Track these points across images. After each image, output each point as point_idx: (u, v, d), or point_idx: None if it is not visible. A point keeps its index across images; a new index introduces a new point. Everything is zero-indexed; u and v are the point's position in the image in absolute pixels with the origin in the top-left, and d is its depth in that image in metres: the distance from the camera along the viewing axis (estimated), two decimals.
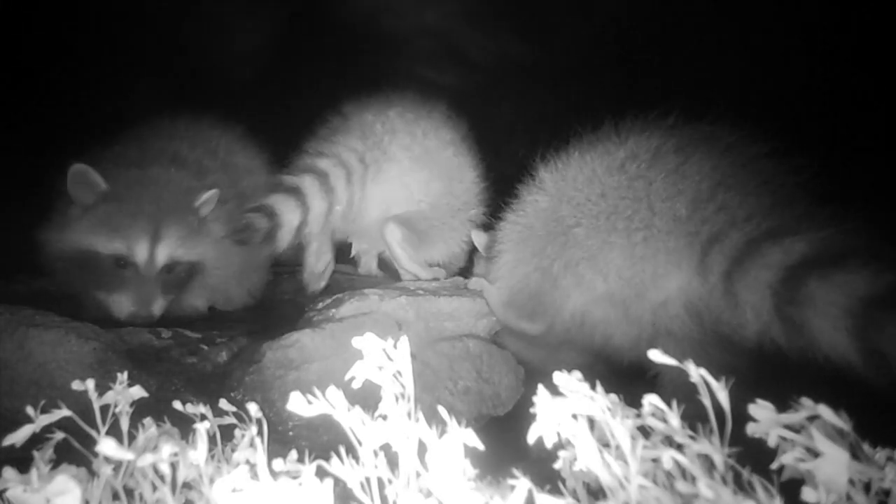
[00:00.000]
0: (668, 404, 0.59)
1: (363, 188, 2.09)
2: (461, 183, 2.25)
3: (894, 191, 1.84)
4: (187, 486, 0.62)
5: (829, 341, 1.10)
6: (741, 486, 0.54)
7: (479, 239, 2.10)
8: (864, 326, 1.05)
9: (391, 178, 2.13)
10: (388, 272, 2.40)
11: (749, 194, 1.38)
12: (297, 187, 1.95)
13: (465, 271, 2.29)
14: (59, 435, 0.65)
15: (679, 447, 0.56)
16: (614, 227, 1.48)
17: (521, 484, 0.56)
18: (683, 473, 0.55)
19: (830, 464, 0.52)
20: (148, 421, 0.66)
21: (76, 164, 1.80)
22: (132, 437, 0.64)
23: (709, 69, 2.43)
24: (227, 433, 0.72)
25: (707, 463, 0.55)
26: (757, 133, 1.48)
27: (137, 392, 0.71)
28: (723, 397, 0.56)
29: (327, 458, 0.60)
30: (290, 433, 1.39)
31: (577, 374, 0.61)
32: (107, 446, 0.56)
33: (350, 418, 0.61)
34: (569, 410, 0.58)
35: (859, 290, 1.08)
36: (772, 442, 0.56)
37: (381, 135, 2.13)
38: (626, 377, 1.56)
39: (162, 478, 0.60)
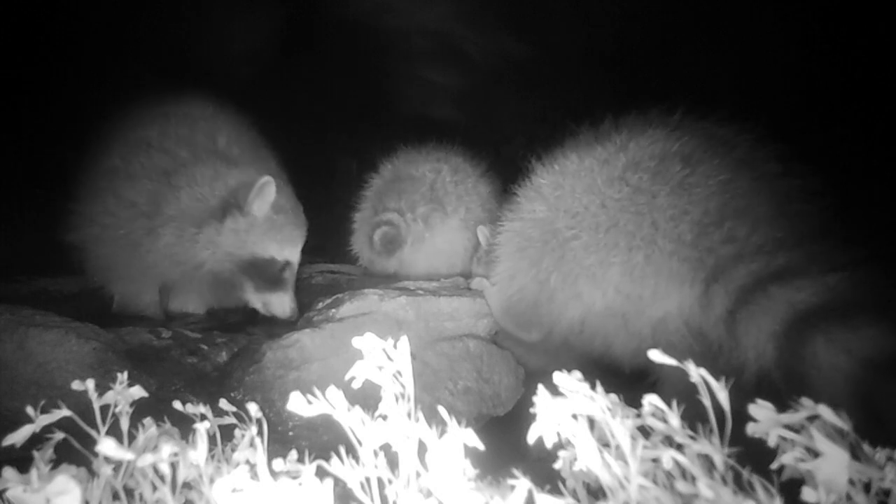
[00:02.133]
0: (668, 405, 0.59)
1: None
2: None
3: None
4: (187, 486, 0.62)
5: (830, 400, 1.08)
6: (741, 486, 0.54)
7: (488, 234, 2.05)
8: (868, 392, 1.03)
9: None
10: None
11: (759, 222, 1.32)
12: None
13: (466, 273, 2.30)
14: (59, 435, 0.65)
15: (679, 447, 0.56)
16: (615, 244, 1.42)
17: (521, 484, 0.56)
18: (683, 473, 0.55)
19: (830, 464, 0.52)
20: (148, 421, 0.66)
21: (266, 175, 1.96)
22: (132, 437, 0.64)
23: (711, 69, 2.42)
24: (227, 433, 0.72)
25: (707, 463, 0.55)
26: (766, 137, 1.43)
27: (137, 392, 0.70)
28: (723, 397, 0.56)
29: (327, 458, 0.60)
30: (290, 433, 1.40)
31: (577, 374, 0.61)
32: (107, 446, 0.56)
33: (350, 418, 0.61)
34: (569, 410, 0.58)
35: (864, 352, 1.05)
36: (772, 442, 0.56)
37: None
38: (626, 379, 1.54)
39: (162, 478, 0.60)
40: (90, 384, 0.68)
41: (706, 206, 1.36)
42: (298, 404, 0.62)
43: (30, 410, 0.65)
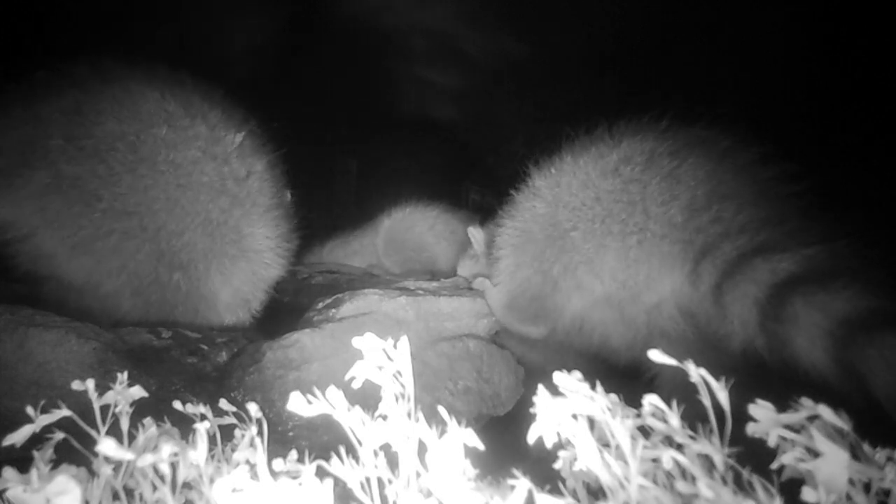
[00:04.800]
0: (668, 404, 0.59)
1: None
2: None
3: (888, 194, 1.85)
4: (187, 486, 0.62)
5: (810, 359, 1.15)
6: (741, 486, 0.54)
7: (478, 236, 2.12)
8: (843, 347, 1.09)
9: None
10: None
11: (744, 204, 1.41)
12: None
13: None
14: (59, 435, 0.65)
15: (679, 447, 0.56)
16: (609, 231, 1.50)
17: (521, 484, 0.56)
18: (683, 473, 0.55)
19: (830, 464, 0.52)
20: (148, 421, 0.66)
21: None
22: (132, 437, 0.64)
23: (708, 70, 2.43)
24: (227, 433, 0.72)
25: (707, 463, 0.55)
26: (751, 136, 1.51)
27: (137, 392, 0.70)
28: (723, 397, 0.56)
29: (327, 458, 0.60)
30: (290, 433, 1.39)
31: (577, 374, 0.61)
32: (107, 446, 0.56)
33: (350, 418, 0.61)
34: (569, 410, 0.58)
35: (840, 311, 1.12)
36: (772, 442, 0.56)
37: None
38: (624, 377, 1.57)
39: (162, 478, 0.60)
40: (90, 384, 0.68)
41: (694, 192, 1.45)
42: (298, 404, 0.62)
43: (30, 410, 0.65)
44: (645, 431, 0.58)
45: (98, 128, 1.72)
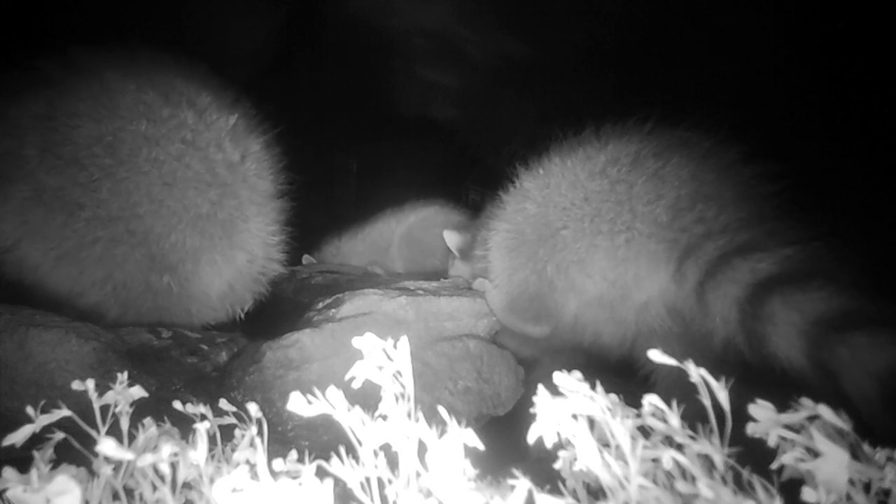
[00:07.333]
0: (667, 403, 0.59)
1: None
2: None
3: (872, 193, 1.86)
4: (187, 486, 0.62)
5: (786, 357, 1.19)
6: (741, 486, 0.54)
7: (452, 239, 2.17)
8: (817, 347, 1.13)
9: None
10: None
11: (725, 204, 1.46)
12: None
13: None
14: (59, 435, 0.65)
15: (679, 447, 0.56)
16: (599, 230, 1.55)
17: (521, 484, 0.56)
18: (683, 473, 0.55)
19: (830, 464, 0.52)
20: (148, 421, 0.66)
21: None
22: (132, 437, 0.64)
23: (712, 68, 2.43)
24: (227, 433, 0.72)
25: (707, 463, 0.55)
26: (733, 136, 1.55)
27: (137, 392, 0.70)
28: (722, 397, 0.56)
29: (327, 458, 0.60)
30: (290, 433, 1.39)
31: (577, 374, 0.61)
32: (107, 446, 0.56)
33: (350, 418, 0.61)
34: (569, 410, 0.59)
35: (815, 311, 1.16)
36: (772, 442, 0.56)
37: None
38: (619, 375, 1.58)
39: (162, 478, 0.60)
40: (90, 384, 0.68)
41: (679, 192, 1.50)
42: (298, 404, 0.62)
43: (30, 410, 0.65)
44: (645, 431, 0.58)
45: (75, 132, 1.63)
